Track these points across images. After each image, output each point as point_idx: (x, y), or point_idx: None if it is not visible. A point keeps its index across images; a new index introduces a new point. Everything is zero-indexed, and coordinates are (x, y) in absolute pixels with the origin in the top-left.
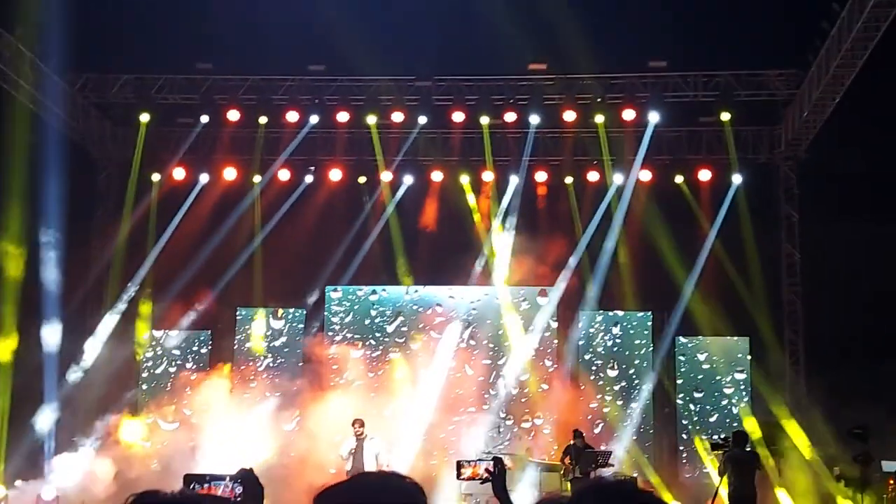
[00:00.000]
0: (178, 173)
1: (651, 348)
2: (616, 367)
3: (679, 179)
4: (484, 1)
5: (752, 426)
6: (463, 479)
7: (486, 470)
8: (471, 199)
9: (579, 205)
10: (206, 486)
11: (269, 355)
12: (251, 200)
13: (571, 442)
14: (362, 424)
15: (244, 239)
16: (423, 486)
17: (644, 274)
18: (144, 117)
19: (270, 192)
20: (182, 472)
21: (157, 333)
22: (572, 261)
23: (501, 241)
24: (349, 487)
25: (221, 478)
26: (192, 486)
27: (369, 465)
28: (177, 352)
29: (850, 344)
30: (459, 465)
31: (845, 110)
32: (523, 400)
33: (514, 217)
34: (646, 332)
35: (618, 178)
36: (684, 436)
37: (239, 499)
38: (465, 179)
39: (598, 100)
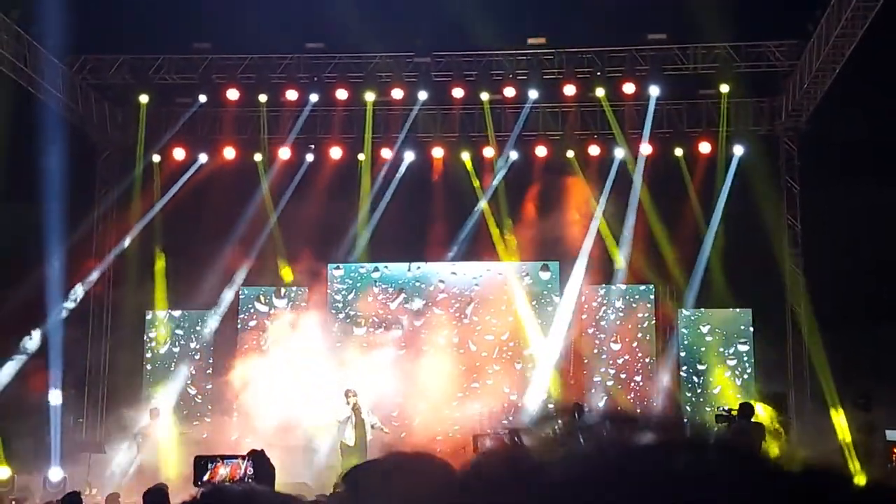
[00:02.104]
0: (178, 153)
1: (653, 321)
2: (619, 340)
3: (679, 152)
4: None
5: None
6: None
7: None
8: (471, 174)
9: (582, 179)
10: (217, 464)
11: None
12: (254, 179)
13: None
14: (355, 394)
15: (246, 217)
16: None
17: (645, 247)
18: (143, 98)
19: (271, 170)
20: None
21: (161, 314)
22: (574, 235)
23: (503, 216)
24: (383, 467)
25: (233, 457)
26: (203, 465)
27: (370, 436)
28: (180, 331)
29: (854, 313)
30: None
31: (846, 80)
32: (527, 375)
33: (515, 192)
34: (648, 306)
35: (619, 152)
36: (688, 408)
37: (251, 478)
38: (465, 155)
39: (598, 74)
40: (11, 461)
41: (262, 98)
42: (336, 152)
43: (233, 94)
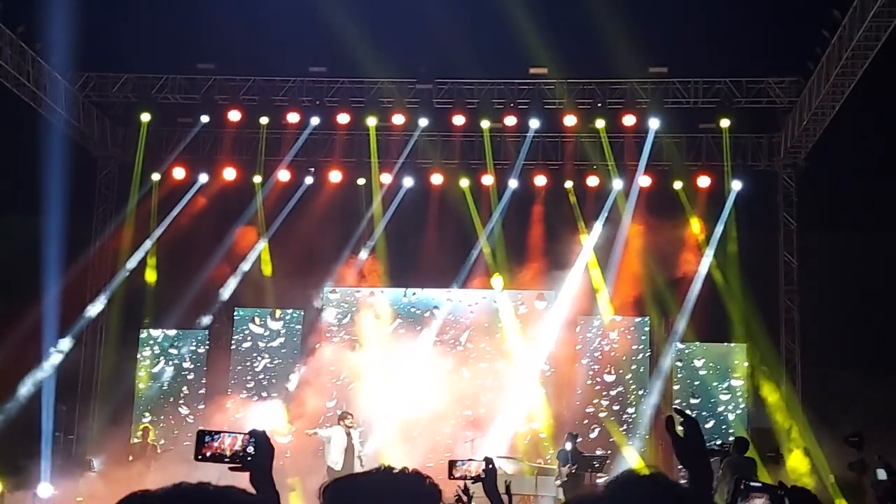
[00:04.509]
0: (178, 173)
1: (648, 354)
2: (613, 371)
3: (678, 185)
4: (485, 5)
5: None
6: (453, 478)
7: (483, 469)
8: (470, 202)
9: (579, 209)
10: (218, 437)
11: (267, 356)
12: (252, 201)
13: (564, 447)
14: (353, 418)
15: (242, 239)
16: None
17: (642, 279)
18: (145, 117)
19: (270, 192)
20: None
21: (155, 332)
22: (571, 265)
23: (500, 244)
24: (367, 482)
25: (235, 433)
26: (205, 440)
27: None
28: (173, 351)
29: (847, 351)
30: (452, 465)
31: (845, 118)
32: (520, 404)
33: (512, 221)
34: (643, 338)
35: (617, 184)
36: None
37: (250, 457)
38: (464, 183)
39: (599, 105)
40: (2, 477)
41: (264, 120)
42: (336, 176)
43: (235, 116)
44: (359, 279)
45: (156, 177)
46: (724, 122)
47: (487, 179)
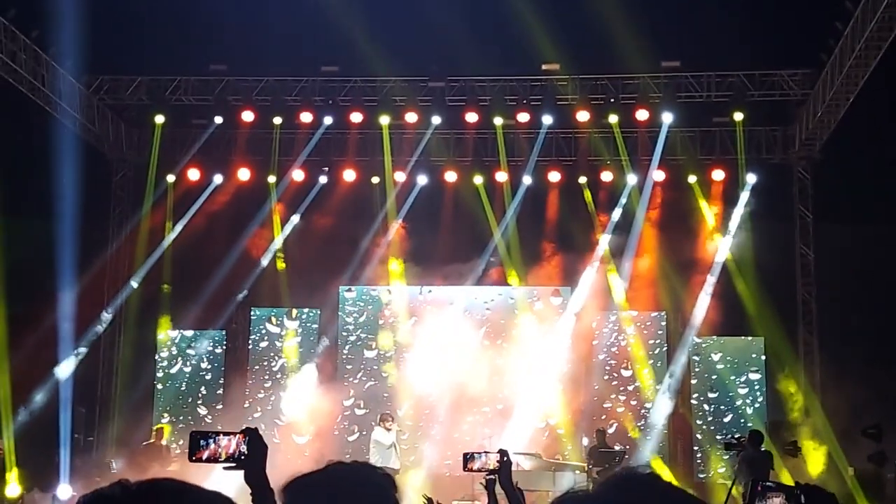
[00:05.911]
0: (193, 174)
1: (665, 348)
2: (630, 367)
3: (692, 179)
4: (497, 2)
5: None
6: (469, 470)
7: (498, 462)
8: (484, 199)
9: (593, 204)
10: (212, 440)
11: (283, 355)
12: (267, 200)
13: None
14: (392, 420)
15: (258, 239)
16: (394, 480)
17: (658, 274)
18: (159, 119)
19: (285, 192)
20: None
21: (172, 333)
22: (586, 260)
23: (514, 241)
24: (325, 477)
25: (229, 434)
26: (198, 441)
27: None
28: (191, 351)
29: (865, 343)
30: (466, 458)
31: (859, 110)
32: (537, 400)
33: (527, 217)
34: (660, 332)
35: (632, 179)
36: (699, 436)
37: (244, 456)
38: (478, 180)
39: (612, 100)
40: (22, 479)
41: (277, 120)
42: (350, 175)
43: (248, 116)
44: (375, 277)
45: (171, 178)
46: (738, 116)
47: (501, 176)
